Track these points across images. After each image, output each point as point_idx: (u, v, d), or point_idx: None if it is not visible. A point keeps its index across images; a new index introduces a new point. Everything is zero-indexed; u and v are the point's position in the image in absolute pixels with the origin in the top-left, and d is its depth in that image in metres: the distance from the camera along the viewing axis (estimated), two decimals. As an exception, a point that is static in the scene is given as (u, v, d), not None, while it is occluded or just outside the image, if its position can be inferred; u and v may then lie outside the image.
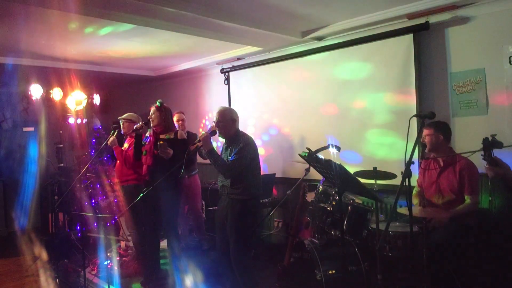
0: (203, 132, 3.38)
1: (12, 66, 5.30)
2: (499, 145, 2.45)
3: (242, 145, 3.34)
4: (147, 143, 3.91)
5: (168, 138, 3.83)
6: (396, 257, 3.14)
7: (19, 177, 5.97)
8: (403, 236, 3.10)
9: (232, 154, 3.34)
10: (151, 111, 3.88)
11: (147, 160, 3.82)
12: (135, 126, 4.03)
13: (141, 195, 3.31)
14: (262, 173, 5.29)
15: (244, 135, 3.49)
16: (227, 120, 3.41)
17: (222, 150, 3.56)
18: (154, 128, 3.89)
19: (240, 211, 3.34)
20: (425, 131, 3.33)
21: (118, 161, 4.41)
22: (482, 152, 2.48)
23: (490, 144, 2.45)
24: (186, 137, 4.05)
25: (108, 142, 4.28)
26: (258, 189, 3.47)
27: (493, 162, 2.47)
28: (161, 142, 3.71)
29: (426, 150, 3.40)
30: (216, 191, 5.37)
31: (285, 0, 3.71)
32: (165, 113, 3.87)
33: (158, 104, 3.84)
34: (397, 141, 4.15)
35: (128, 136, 4.42)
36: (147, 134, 4.01)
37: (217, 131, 3.42)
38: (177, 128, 4.69)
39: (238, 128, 3.50)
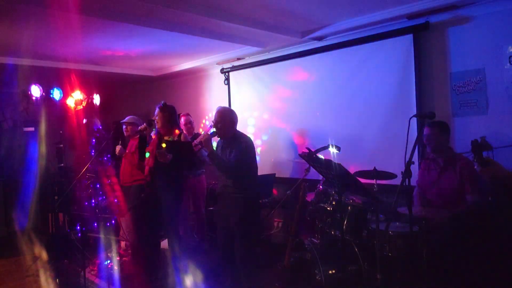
0: (203, 133, 3.38)
1: (12, 66, 5.30)
2: (488, 147, 2.40)
3: (245, 145, 3.37)
4: (150, 143, 3.91)
5: (172, 140, 3.82)
6: (396, 257, 3.14)
7: (19, 177, 5.95)
8: (403, 236, 3.10)
9: (233, 154, 3.34)
10: (156, 112, 3.89)
11: (149, 161, 3.81)
12: (139, 128, 4.05)
13: (142, 196, 3.32)
14: (262, 173, 5.34)
15: (243, 135, 3.50)
16: (225, 122, 3.41)
17: (217, 150, 3.55)
18: (158, 129, 3.89)
19: (245, 209, 3.36)
20: (429, 131, 3.27)
21: (122, 164, 4.48)
22: (473, 155, 2.42)
23: (479, 146, 2.41)
24: (190, 140, 4.05)
25: (117, 154, 4.41)
26: (257, 188, 3.52)
27: (483, 163, 2.42)
28: (164, 145, 3.70)
29: (430, 150, 3.38)
30: (215, 191, 5.40)
31: (285, 0, 3.71)
32: (168, 113, 3.85)
33: (161, 105, 3.84)
34: (397, 141, 4.15)
35: (130, 139, 4.47)
36: (152, 135, 4.01)
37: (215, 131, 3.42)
38: (184, 131, 4.69)
39: (236, 129, 3.51)
